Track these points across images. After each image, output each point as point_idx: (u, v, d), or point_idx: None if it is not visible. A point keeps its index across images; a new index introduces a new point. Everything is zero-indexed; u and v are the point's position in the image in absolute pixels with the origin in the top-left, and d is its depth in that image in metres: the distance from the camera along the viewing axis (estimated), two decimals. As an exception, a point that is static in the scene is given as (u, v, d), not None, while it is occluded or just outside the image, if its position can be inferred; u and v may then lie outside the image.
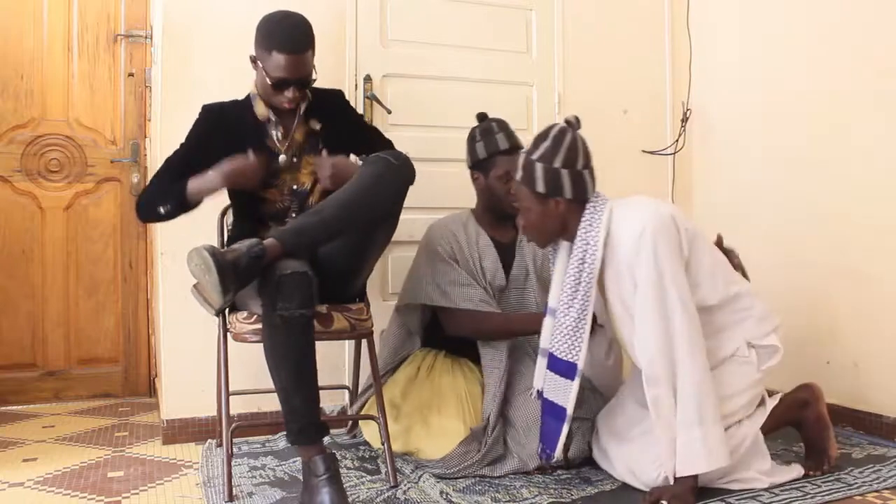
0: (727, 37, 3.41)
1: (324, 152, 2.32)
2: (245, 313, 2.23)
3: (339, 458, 2.27)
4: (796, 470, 2.24)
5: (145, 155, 3.55)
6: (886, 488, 2.17)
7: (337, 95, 2.57)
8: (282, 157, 2.37)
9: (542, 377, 2.24)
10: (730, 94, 3.38)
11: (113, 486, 2.30)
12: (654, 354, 2.02)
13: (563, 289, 2.17)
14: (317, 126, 2.42)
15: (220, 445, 2.55)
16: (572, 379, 2.11)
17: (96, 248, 3.54)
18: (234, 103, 2.42)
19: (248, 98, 2.42)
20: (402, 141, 3.04)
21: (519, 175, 2.21)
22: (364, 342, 2.54)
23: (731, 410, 2.13)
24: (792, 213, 3.05)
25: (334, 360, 2.88)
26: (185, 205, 2.23)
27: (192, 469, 2.46)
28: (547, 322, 2.26)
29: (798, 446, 2.46)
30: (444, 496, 2.14)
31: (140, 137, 3.57)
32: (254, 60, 2.34)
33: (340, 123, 2.48)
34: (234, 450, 2.47)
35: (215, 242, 2.49)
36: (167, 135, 2.74)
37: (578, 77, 3.39)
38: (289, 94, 2.28)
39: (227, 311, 2.30)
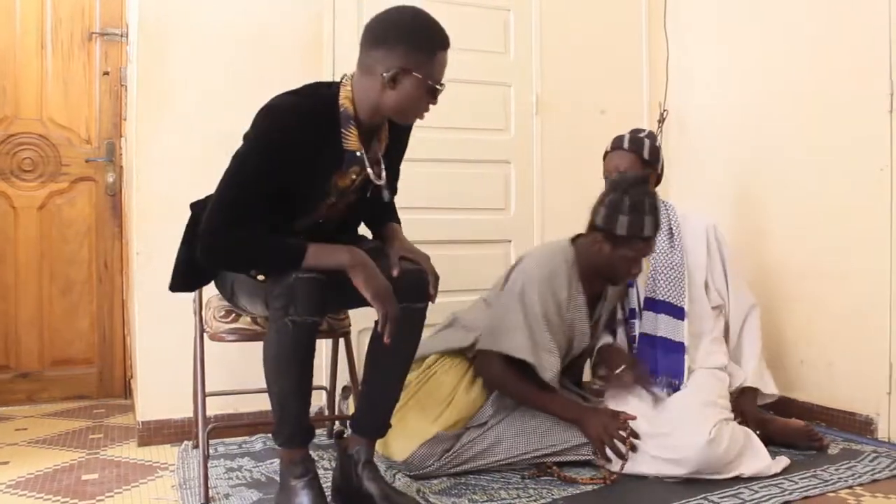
0: (704, 38, 3.43)
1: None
2: (222, 313, 2.20)
3: (316, 458, 2.26)
4: (784, 461, 2.36)
5: (121, 154, 3.51)
6: (859, 484, 2.21)
7: (407, 135, 2.20)
8: (342, 194, 2.05)
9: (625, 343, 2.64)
10: (706, 95, 3.41)
11: (87, 488, 2.27)
12: (750, 301, 2.72)
13: (657, 247, 2.58)
14: (371, 177, 2.02)
15: (196, 447, 2.52)
16: (682, 319, 2.54)
17: (71, 249, 3.50)
18: (314, 107, 1.92)
19: (333, 107, 1.94)
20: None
21: (626, 144, 2.67)
22: (342, 342, 2.53)
23: (727, 405, 2.42)
24: (767, 213, 3.08)
25: (312, 360, 2.86)
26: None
27: (167, 471, 2.44)
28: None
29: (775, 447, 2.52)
30: (421, 495, 2.14)
31: (116, 137, 3.53)
32: (398, 76, 1.89)
33: (390, 171, 2.15)
34: (211, 451, 2.46)
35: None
36: (143, 134, 2.72)
37: (556, 78, 3.40)
38: (435, 101, 1.98)
39: (202, 308, 2.29)
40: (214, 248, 1.89)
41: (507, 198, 3.31)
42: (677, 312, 2.55)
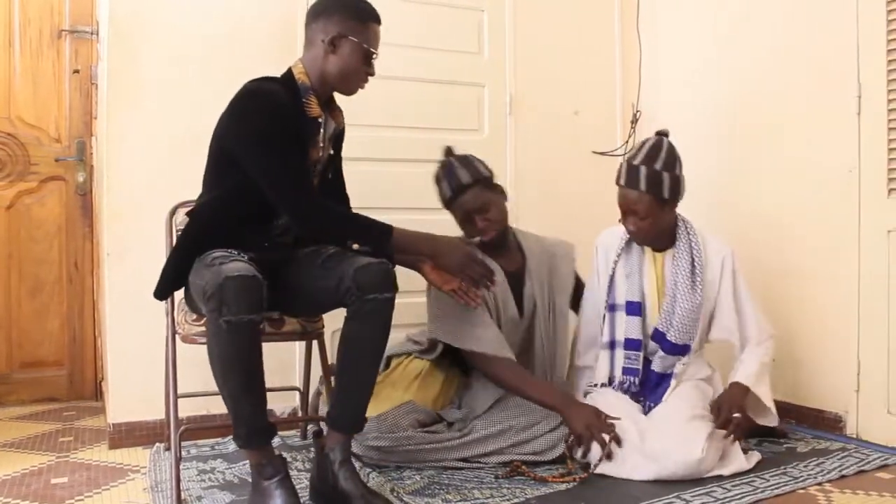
0: (676, 40, 3.46)
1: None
2: (194, 315, 2.19)
3: (289, 459, 2.25)
4: (756, 456, 2.39)
5: (92, 153, 3.47)
6: (828, 481, 2.24)
7: (342, 139, 2.38)
8: (318, 167, 2.21)
9: (607, 368, 2.53)
10: (678, 96, 3.44)
11: (56, 492, 2.24)
12: (768, 331, 2.55)
13: (678, 282, 2.45)
14: (331, 151, 2.27)
15: (168, 449, 2.50)
16: (684, 355, 2.46)
17: (40, 249, 3.46)
18: (279, 86, 2.11)
19: (292, 82, 2.14)
20: (354, 141, 3.03)
21: (642, 185, 2.38)
22: (315, 343, 2.53)
23: (709, 416, 2.37)
24: (737, 213, 3.11)
25: (285, 361, 2.85)
26: (386, 251, 2.07)
27: (139, 474, 2.41)
28: (622, 318, 2.51)
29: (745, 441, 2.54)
30: (395, 494, 2.14)
31: (86, 136, 3.50)
32: (336, 40, 2.11)
33: (340, 152, 2.37)
34: (183, 453, 2.43)
35: (163, 242, 2.45)
36: (114, 133, 2.70)
37: (530, 78, 3.41)
38: (372, 70, 2.20)
39: (174, 310, 2.27)
40: (312, 218, 2.05)
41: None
42: (682, 350, 2.46)
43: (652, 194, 2.39)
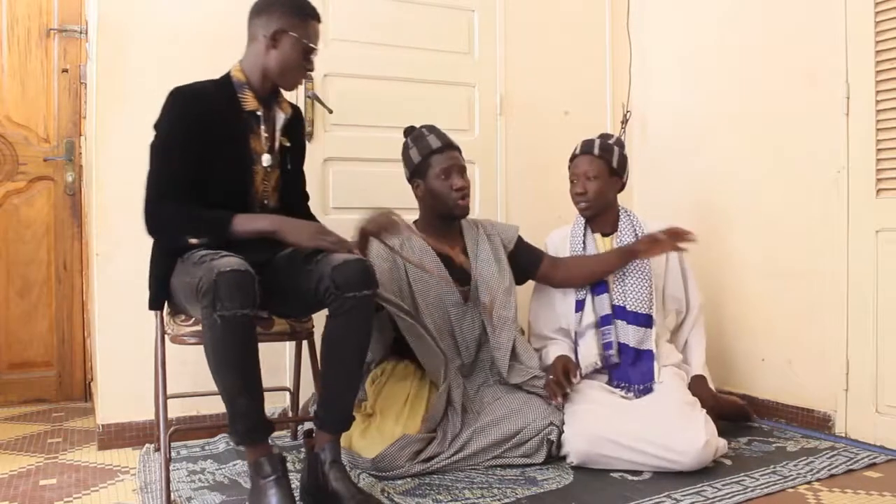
0: (665, 41, 3.48)
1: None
2: (183, 315, 2.18)
3: (280, 460, 2.25)
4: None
5: (80, 153, 3.46)
6: (817, 479, 2.25)
7: (299, 111, 2.45)
8: (266, 157, 2.23)
9: (593, 351, 2.59)
10: (668, 96, 3.45)
11: (45, 494, 2.23)
12: (700, 301, 2.81)
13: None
14: (286, 143, 2.31)
15: (157, 450, 2.49)
16: (650, 327, 2.60)
17: (29, 249, 3.44)
18: (212, 85, 2.20)
19: (227, 81, 2.23)
20: (344, 141, 3.05)
21: (596, 150, 2.68)
22: (304, 343, 2.52)
23: (696, 400, 2.47)
24: (726, 213, 3.12)
25: (275, 361, 2.84)
26: (225, 239, 2.04)
27: (128, 475, 2.40)
28: (590, 299, 2.65)
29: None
30: (386, 495, 2.14)
31: (75, 135, 3.48)
32: (276, 35, 2.17)
33: (298, 145, 2.40)
34: (173, 454, 2.43)
35: (152, 243, 2.43)
36: (103, 133, 2.68)
37: (520, 78, 3.42)
38: (311, 65, 2.26)
39: (163, 311, 2.26)
40: (153, 218, 2.09)
41: (471, 198, 3.30)
42: (645, 321, 2.61)
43: (604, 160, 2.69)
